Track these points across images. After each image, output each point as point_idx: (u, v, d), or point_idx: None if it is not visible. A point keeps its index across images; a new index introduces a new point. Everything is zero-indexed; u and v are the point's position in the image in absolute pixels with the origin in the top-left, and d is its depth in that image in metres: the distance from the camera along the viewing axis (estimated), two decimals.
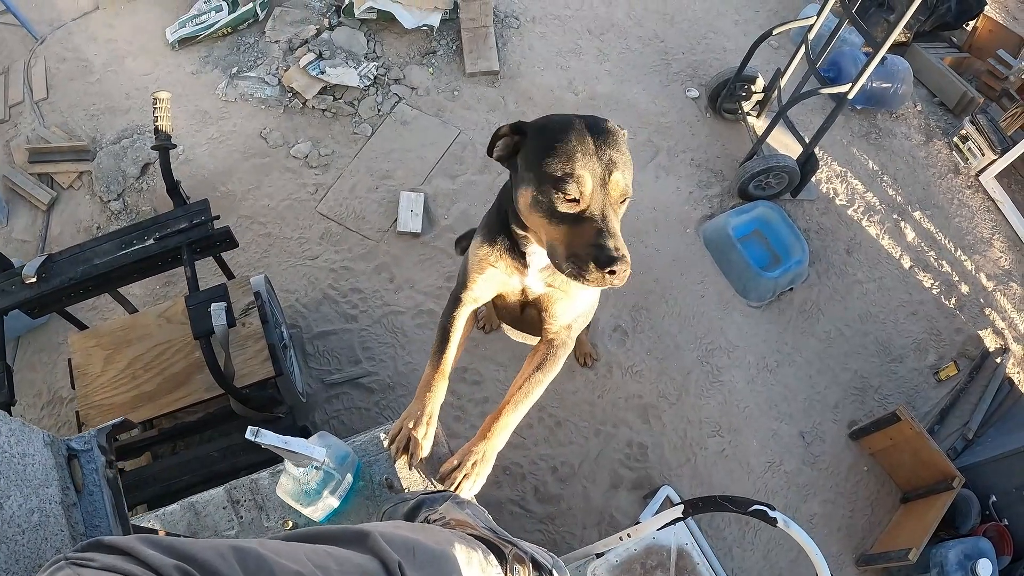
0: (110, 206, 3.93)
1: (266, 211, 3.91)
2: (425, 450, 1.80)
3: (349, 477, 1.76)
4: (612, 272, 1.31)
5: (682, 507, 2.28)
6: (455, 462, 1.77)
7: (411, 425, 1.79)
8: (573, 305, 1.78)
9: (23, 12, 4.50)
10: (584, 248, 1.34)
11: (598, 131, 1.39)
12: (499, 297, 1.89)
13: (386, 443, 1.88)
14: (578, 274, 1.35)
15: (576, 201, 1.36)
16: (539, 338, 1.87)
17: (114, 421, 2.27)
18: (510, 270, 1.73)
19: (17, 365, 3.57)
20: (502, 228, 1.68)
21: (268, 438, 1.49)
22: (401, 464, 1.88)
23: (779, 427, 3.68)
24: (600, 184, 1.36)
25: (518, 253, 1.67)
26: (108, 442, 2.08)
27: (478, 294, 1.82)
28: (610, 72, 4.67)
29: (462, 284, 1.83)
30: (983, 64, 5.42)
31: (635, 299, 3.84)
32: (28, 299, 2.45)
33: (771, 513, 1.98)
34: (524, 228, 1.57)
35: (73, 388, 2.66)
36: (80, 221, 3.94)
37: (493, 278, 1.78)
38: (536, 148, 1.42)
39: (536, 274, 1.71)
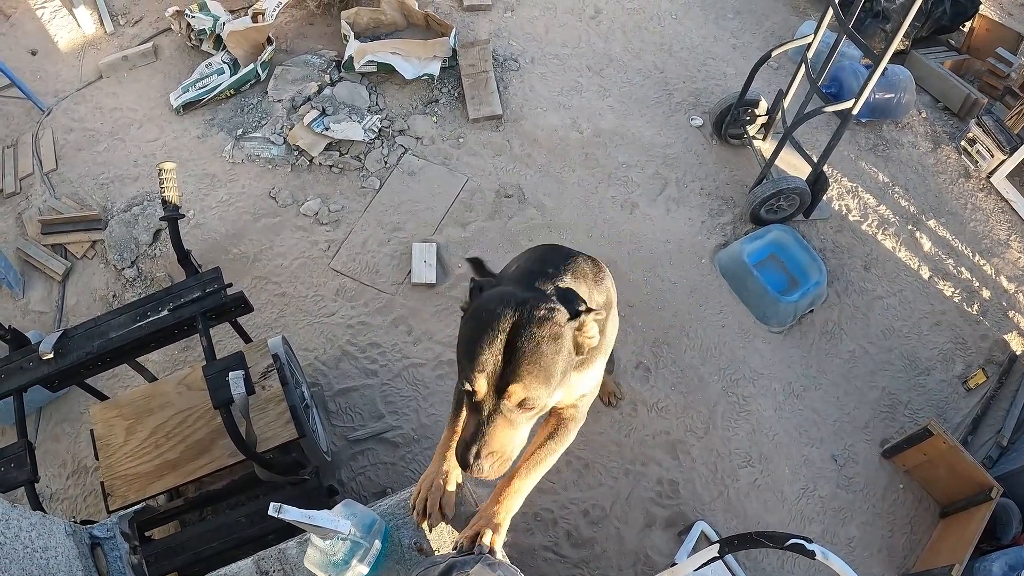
0: (124, 274, 3.96)
1: (279, 271, 3.92)
2: (448, 512, 1.78)
3: (377, 543, 1.73)
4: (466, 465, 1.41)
5: (718, 546, 2.25)
6: (470, 532, 1.71)
7: (430, 487, 1.78)
8: (573, 390, 1.75)
9: (28, 85, 4.57)
10: (461, 443, 1.45)
11: (521, 332, 1.38)
12: None
13: (410, 507, 1.85)
14: (458, 462, 1.45)
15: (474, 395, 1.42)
16: None
17: (135, 507, 2.27)
18: None
19: (40, 436, 3.59)
20: None
21: (292, 514, 1.47)
22: (427, 527, 1.86)
23: (810, 452, 3.63)
24: (495, 390, 1.39)
25: None
26: (131, 528, 2.07)
27: None
28: (612, 107, 4.68)
29: None
30: (983, 64, 5.40)
31: (655, 335, 3.81)
32: (46, 375, 2.46)
33: (808, 546, 1.95)
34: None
35: (97, 459, 2.65)
36: (95, 290, 3.96)
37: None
38: (464, 330, 1.46)
39: None
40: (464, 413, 1.78)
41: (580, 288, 1.58)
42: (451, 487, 1.79)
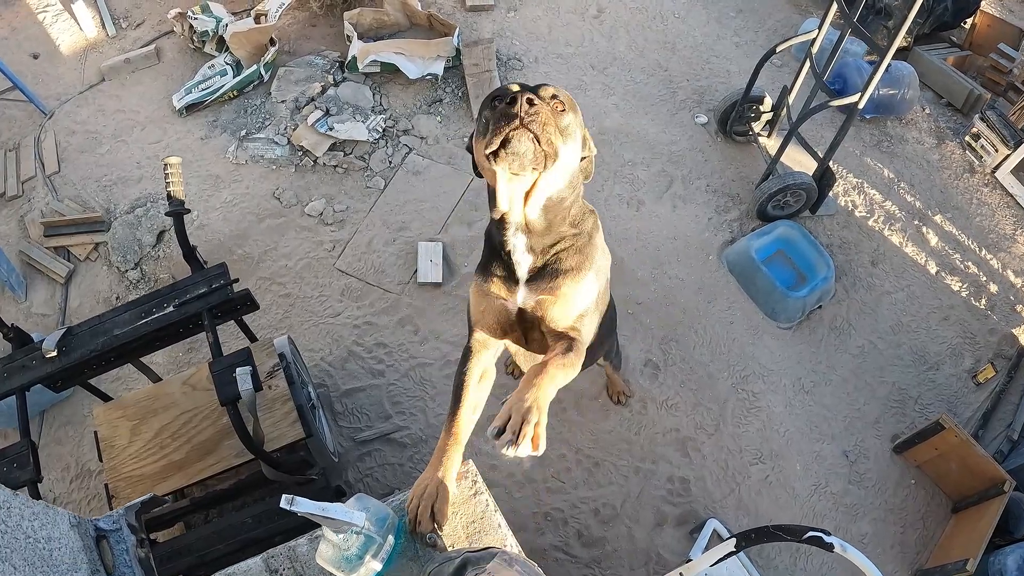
0: (128, 276, 3.94)
1: (285, 271, 3.90)
2: (442, 521, 1.72)
3: (391, 539, 1.70)
4: (513, 100, 1.42)
5: (734, 541, 2.23)
6: (506, 416, 1.48)
7: (422, 494, 1.70)
8: (569, 306, 1.77)
9: (30, 88, 4.56)
10: (498, 112, 1.45)
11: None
12: (504, 330, 1.89)
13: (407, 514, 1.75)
14: (493, 130, 1.45)
15: (503, 101, 1.45)
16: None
17: (142, 498, 2.24)
18: (503, 288, 1.79)
19: (43, 440, 3.57)
20: (490, 253, 1.81)
21: (305, 506, 1.45)
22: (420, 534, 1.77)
23: (821, 448, 3.62)
24: (527, 90, 1.46)
25: (508, 269, 1.76)
26: (138, 520, 2.04)
27: (483, 334, 1.87)
28: (617, 106, 4.67)
29: (469, 331, 1.89)
30: (985, 60, 5.41)
31: (664, 332, 3.80)
32: (49, 374, 2.42)
33: (827, 539, 1.94)
34: (492, 198, 1.67)
35: (101, 461, 2.63)
36: (99, 292, 3.95)
37: (491, 306, 1.82)
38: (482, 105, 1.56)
39: (524, 278, 1.77)
40: (462, 409, 1.79)
41: None
42: (451, 485, 1.73)
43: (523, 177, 1.53)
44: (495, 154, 1.46)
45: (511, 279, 1.78)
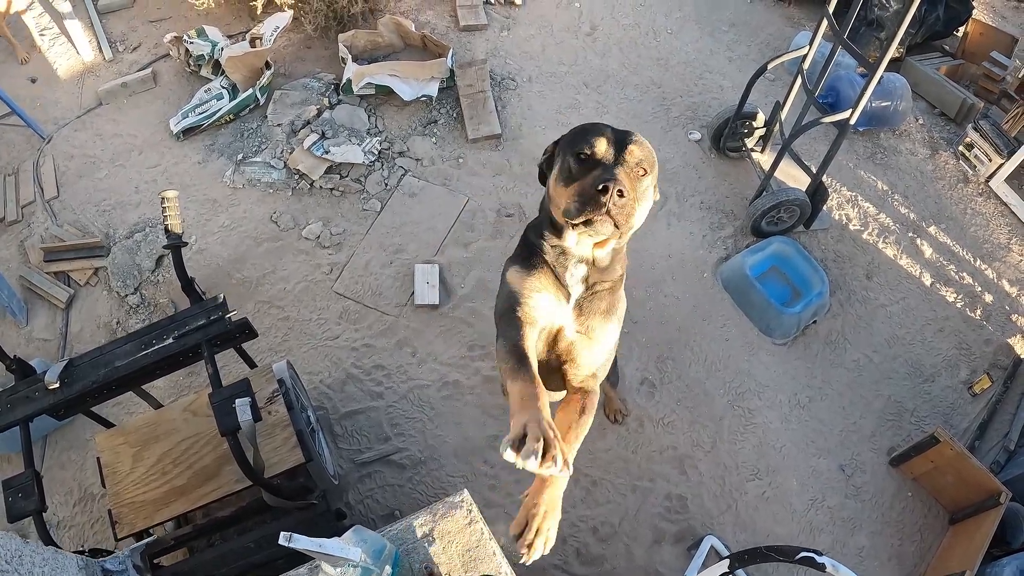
0: (128, 300, 3.96)
1: (283, 295, 3.93)
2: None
3: (388, 569, 1.74)
4: (605, 189, 1.48)
5: (727, 562, 2.25)
6: (523, 522, 1.52)
7: (534, 425, 1.41)
8: (596, 353, 1.80)
9: (28, 112, 4.59)
10: (587, 185, 1.53)
11: (622, 131, 1.62)
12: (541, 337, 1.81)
13: (509, 455, 1.36)
14: (579, 210, 1.53)
15: (591, 157, 1.56)
16: (564, 392, 1.87)
17: (147, 540, 2.26)
18: (555, 292, 1.76)
19: (46, 464, 3.59)
20: (538, 259, 1.78)
21: (302, 543, 1.48)
22: (543, 469, 1.36)
23: (818, 463, 3.63)
24: (615, 148, 1.57)
25: (557, 280, 1.76)
26: (143, 560, 2.07)
27: (531, 312, 1.73)
28: (611, 123, 4.66)
29: (513, 303, 1.74)
30: (978, 68, 5.42)
31: (659, 350, 3.82)
32: (52, 404, 2.46)
33: (819, 559, 1.97)
34: (554, 228, 1.72)
35: (103, 486, 2.64)
36: (99, 317, 3.96)
37: (542, 299, 1.74)
38: (566, 139, 1.67)
39: (573, 302, 1.77)
40: (530, 356, 1.66)
41: None
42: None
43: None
44: (574, 224, 1.58)
45: (560, 290, 1.75)
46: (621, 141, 1.58)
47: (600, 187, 1.49)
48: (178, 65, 4.89)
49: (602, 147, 1.55)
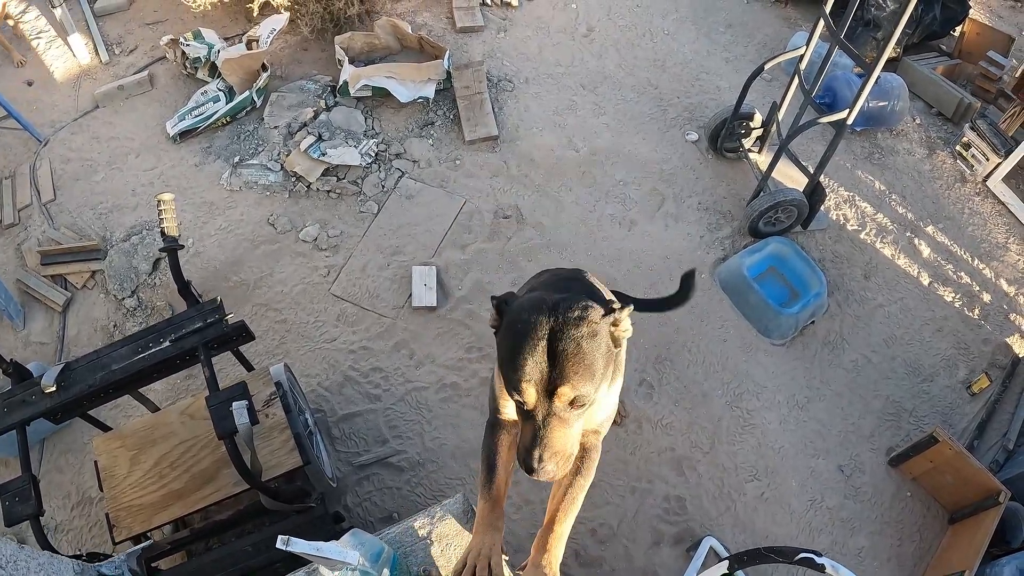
0: (125, 303, 3.96)
1: (280, 297, 3.92)
2: None
3: (386, 572, 1.73)
4: (530, 450, 1.40)
5: (727, 563, 2.25)
6: None
7: (476, 559, 1.66)
8: (595, 414, 1.75)
9: (24, 115, 4.59)
10: (522, 448, 1.44)
11: (560, 335, 1.39)
12: None
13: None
14: (523, 467, 1.44)
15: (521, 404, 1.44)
16: None
17: (143, 544, 2.25)
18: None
19: (44, 467, 3.59)
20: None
21: (300, 546, 1.48)
22: None
23: (816, 463, 3.63)
24: (546, 394, 1.40)
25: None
26: (140, 565, 2.06)
27: (510, 416, 1.79)
28: (608, 125, 4.70)
29: (493, 409, 1.82)
30: (975, 68, 5.43)
31: (657, 351, 3.81)
32: (49, 408, 2.45)
33: (818, 560, 1.97)
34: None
35: (101, 490, 2.64)
36: (96, 320, 3.96)
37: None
38: (502, 344, 1.48)
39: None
40: (497, 476, 1.76)
41: (599, 292, 1.66)
42: (501, 563, 1.69)
43: None
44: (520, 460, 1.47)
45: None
46: (555, 381, 1.39)
47: (526, 453, 1.42)
48: (175, 68, 4.89)
49: (532, 399, 1.41)
